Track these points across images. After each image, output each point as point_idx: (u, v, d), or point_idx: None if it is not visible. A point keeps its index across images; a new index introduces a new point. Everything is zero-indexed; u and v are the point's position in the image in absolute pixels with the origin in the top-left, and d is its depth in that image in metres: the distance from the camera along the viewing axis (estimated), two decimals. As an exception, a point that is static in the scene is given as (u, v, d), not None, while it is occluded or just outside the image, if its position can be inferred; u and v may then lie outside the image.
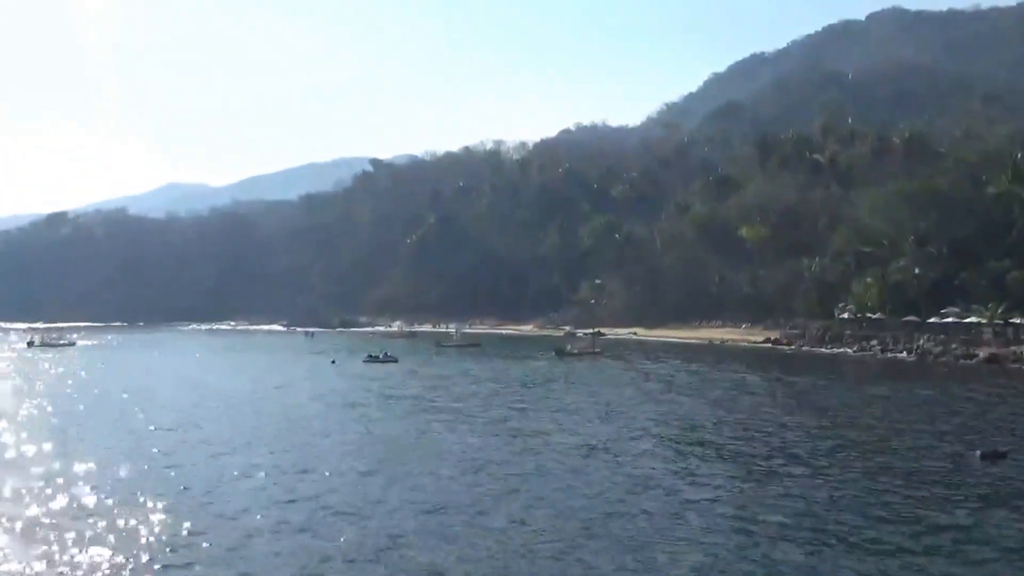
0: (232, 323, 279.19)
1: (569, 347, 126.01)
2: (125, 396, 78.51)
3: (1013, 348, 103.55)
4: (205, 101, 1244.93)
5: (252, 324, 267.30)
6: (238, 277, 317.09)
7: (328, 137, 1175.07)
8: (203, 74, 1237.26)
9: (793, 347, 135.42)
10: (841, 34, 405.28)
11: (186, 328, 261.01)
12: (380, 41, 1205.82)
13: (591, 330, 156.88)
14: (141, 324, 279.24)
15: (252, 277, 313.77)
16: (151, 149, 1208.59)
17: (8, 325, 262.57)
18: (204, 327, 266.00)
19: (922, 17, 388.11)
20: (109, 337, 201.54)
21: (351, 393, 77.99)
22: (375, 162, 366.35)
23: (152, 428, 57.98)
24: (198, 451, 48.34)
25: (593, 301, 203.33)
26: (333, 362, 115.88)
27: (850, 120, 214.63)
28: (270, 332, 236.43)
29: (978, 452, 41.21)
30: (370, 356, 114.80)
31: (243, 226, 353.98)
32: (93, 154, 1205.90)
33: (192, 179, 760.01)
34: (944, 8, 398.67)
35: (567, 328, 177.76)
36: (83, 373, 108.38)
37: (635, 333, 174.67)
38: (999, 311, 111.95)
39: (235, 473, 42.00)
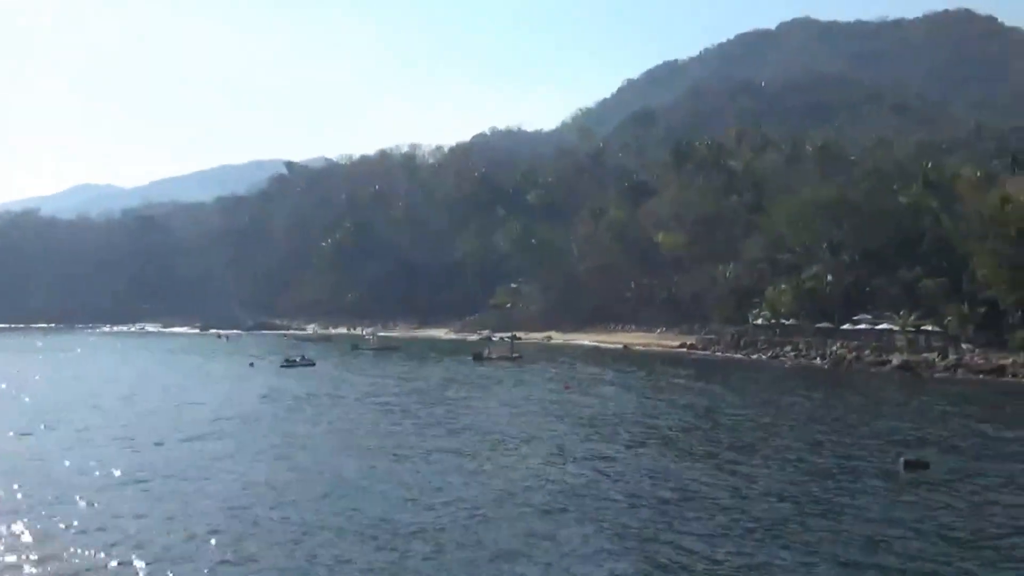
0: (144, 326, 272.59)
1: (487, 352, 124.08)
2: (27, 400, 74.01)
3: (925, 355, 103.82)
4: (116, 101, 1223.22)
5: (165, 327, 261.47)
6: (151, 279, 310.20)
7: (242, 139, 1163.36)
8: (113, 73, 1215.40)
9: (708, 352, 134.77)
10: (753, 43, 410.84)
11: (97, 331, 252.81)
12: (293, 42, 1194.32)
13: (507, 334, 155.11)
14: (52, 326, 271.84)
15: (165, 279, 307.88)
16: (61, 150, 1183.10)
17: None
18: (115, 329, 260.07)
19: (832, 27, 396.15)
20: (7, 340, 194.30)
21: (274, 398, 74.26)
22: (290, 165, 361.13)
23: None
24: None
25: (509, 305, 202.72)
26: (251, 364, 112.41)
27: (763, 128, 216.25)
28: (184, 335, 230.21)
29: (902, 461, 40.59)
30: (287, 360, 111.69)
31: (156, 228, 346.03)
32: (5, 154, 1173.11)
33: (103, 180, 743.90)
34: (853, 19, 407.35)
35: (484, 332, 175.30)
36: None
37: (550, 338, 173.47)
38: (911, 319, 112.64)
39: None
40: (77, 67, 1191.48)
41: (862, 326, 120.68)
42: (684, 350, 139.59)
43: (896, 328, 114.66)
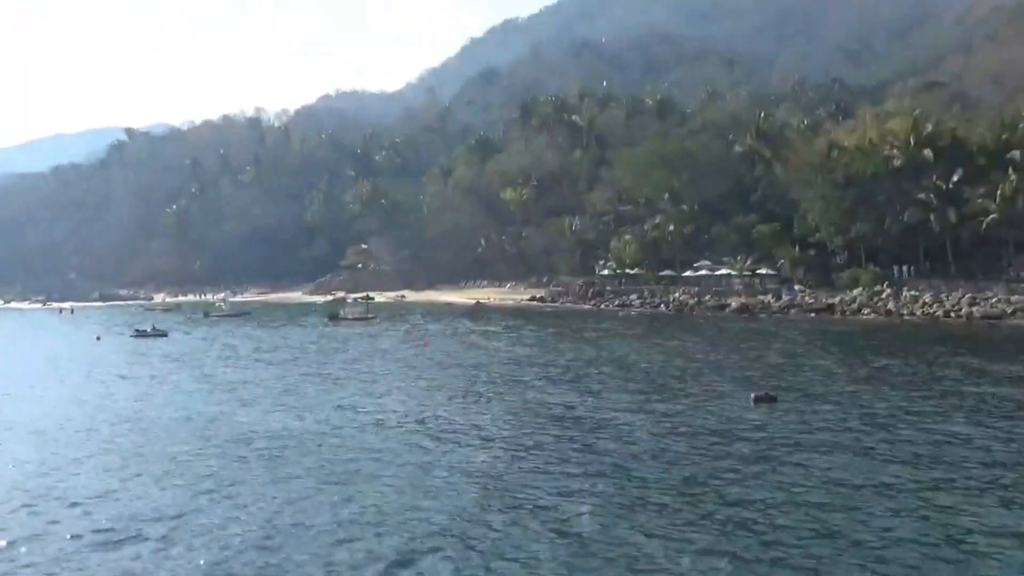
0: None
1: (342, 312, 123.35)
2: None
3: (760, 297, 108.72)
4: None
5: (4, 301, 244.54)
6: None
7: (74, 107, 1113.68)
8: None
9: (557, 304, 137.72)
10: (592, 1, 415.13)
11: None
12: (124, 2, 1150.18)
13: (361, 295, 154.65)
14: None
15: (1, 253, 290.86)
16: None
17: None
18: None
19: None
20: None
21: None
22: (129, 132, 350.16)
23: None
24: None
25: (360, 266, 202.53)
26: (98, 338, 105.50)
27: (605, 84, 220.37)
28: (24, 309, 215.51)
29: (752, 396, 42.15)
30: (137, 331, 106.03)
31: None
32: None
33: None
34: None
35: (338, 293, 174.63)
36: None
37: (403, 296, 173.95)
38: (747, 263, 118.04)
39: None
40: None
41: (702, 272, 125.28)
42: (534, 303, 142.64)
43: (734, 273, 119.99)
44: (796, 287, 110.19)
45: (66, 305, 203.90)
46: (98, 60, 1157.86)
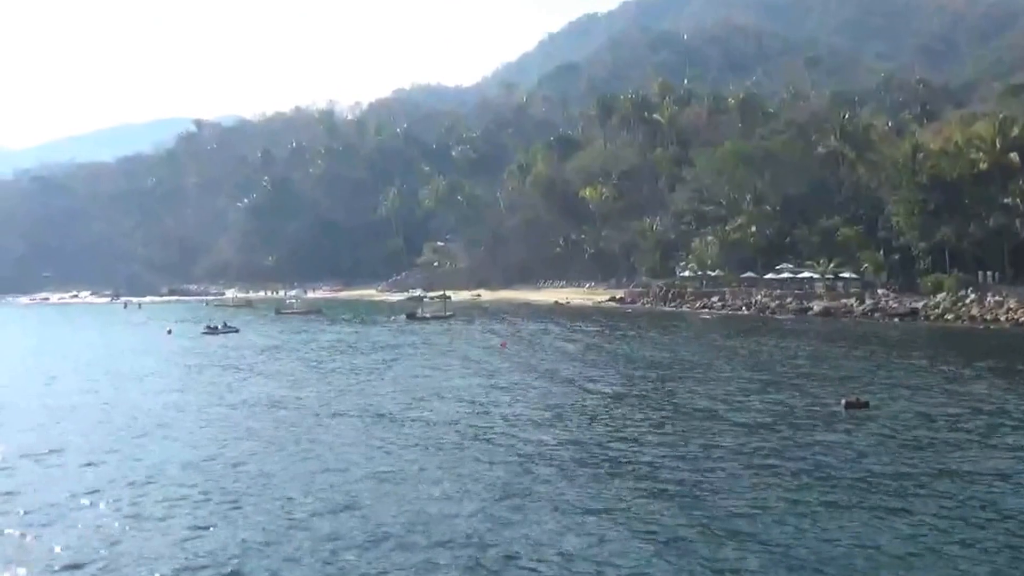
0: (47, 295, 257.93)
1: (420, 311, 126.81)
2: None
3: (843, 301, 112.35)
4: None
5: (69, 295, 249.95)
6: (49, 245, 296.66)
7: (143, 96, 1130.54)
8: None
9: (636, 305, 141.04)
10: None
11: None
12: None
13: (437, 293, 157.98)
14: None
15: (66, 245, 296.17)
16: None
17: None
18: (16, 300, 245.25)
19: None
20: None
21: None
22: (199, 122, 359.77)
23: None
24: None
25: (436, 264, 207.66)
26: (169, 332, 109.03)
27: (685, 81, 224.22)
28: (93, 304, 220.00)
29: (843, 401, 43.09)
30: (209, 327, 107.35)
31: (53, 190, 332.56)
32: None
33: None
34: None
35: (416, 292, 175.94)
36: None
37: (479, 295, 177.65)
38: (830, 266, 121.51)
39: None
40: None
41: (784, 275, 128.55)
42: (614, 303, 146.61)
43: (816, 276, 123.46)
44: (880, 291, 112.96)
45: (133, 300, 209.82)
46: (166, 49, 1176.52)
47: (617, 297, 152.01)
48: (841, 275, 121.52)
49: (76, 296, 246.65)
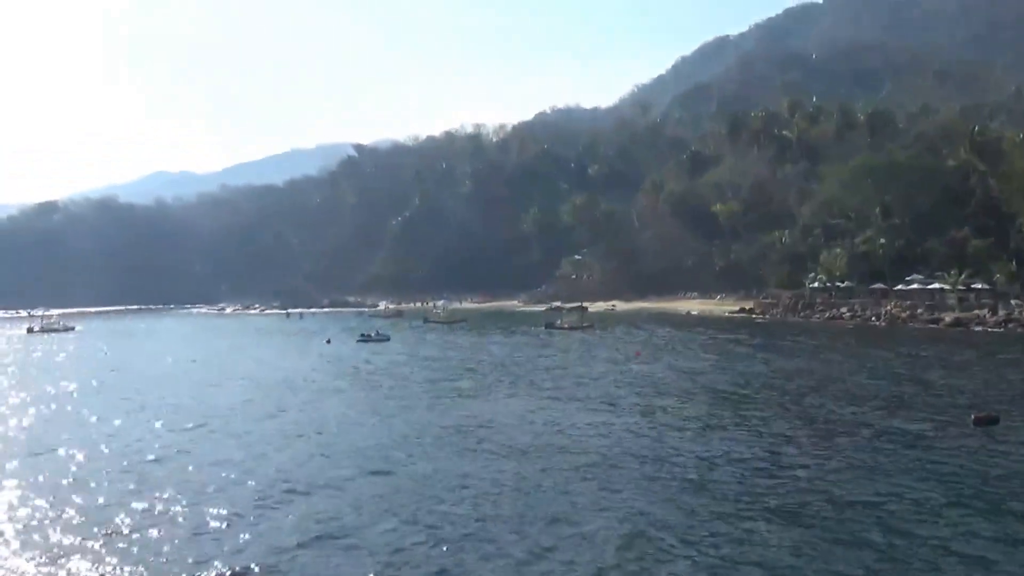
0: (224, 306, 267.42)
1: (559, 321, 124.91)
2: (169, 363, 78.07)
3: (976, 312, 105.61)
4: (190, 90, 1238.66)
5: (245, 307, 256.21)
6: (229, 261, 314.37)
7: (309, 124, 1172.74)
8: (185, 64, 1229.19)
9: (767, 316, 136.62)
10: (800, 15, 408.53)
11: (186, 312, 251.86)
12: (360, 31, 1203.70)
13: (574, 304, 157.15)
14: (136, 308, 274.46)
15: (243, 260, 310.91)
16: (136, 138, 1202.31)
17: (3, 313, 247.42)
18: (202, 310, 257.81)
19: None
20: (111, 323, 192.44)
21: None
22: (358, 147, 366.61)
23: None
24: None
25: (574, 276, 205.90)
26: (328, 342, 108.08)
27: (814, 98, 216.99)
28: (264, 315, 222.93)
29: (972, 416, 39.77)
30: (363, 335, 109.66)
31: (232, 211, 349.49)
32: (78, 144, 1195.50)
33: (178, 167, 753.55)
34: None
35: (556, 303, 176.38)
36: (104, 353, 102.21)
37: (614, 307, 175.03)
38: (961, 277, 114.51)
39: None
40: (152, 59, 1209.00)
41: (914, 286, 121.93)
42: (744, 314, 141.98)
43: (947, 287, 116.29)
44: (1013, 302, 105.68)
45: (296, 311, 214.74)
46: (332, 79, 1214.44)
47: (747, 308, 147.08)
48: (973, 286, 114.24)
49: (249, 308, 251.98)
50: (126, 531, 25.83)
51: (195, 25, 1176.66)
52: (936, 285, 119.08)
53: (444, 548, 23.57)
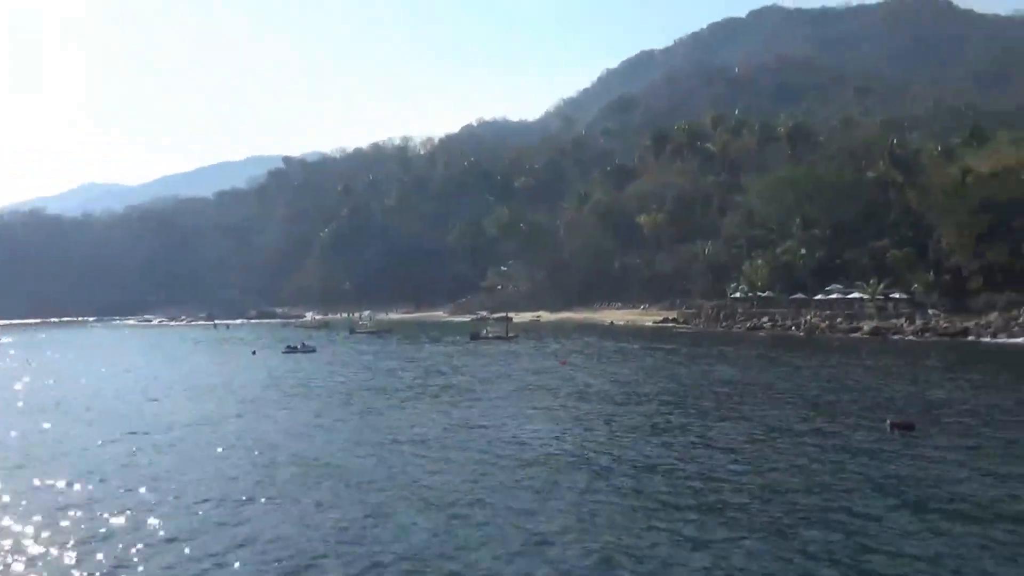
0: (150, 318, 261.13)
1: (484, 331, 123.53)
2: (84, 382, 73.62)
3: (893, 321, 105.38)
4: (118, 103, 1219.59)
5: (170, 319, 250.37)
6: (157, 273, 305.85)
7: (238, 137, 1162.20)
8: (115, 77, 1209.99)
9: (689, 325, 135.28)
10: (725, 30, 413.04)
11: (106, 324, 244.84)
12: (286, 41, 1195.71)
13: (500, 314, 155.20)
14: (55, 321, 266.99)
15: (171, 272, 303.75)
16: (67, 150, 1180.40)
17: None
18: (129, 322, 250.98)
19: (798, 14, 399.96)
20: (42, 335, 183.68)
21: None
22: (287, 159, 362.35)
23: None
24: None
25: (500, 287, 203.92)
26: (253, 353, 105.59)
27: (737, 111, 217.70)
28: (188, 326, 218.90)
29: (888, 422, 40.12)
30: (289, 347, 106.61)
31: (161, 223, 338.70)
32: (9, 156, 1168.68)
33: (107, 179, 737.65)
34: (818, 6, 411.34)
35: (482, 313, 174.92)
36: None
37: (539, 317, 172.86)
38: (880, 287, 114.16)
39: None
40: (81, 72, 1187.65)
41: (834, 296, 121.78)
42: (667, 324, 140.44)
43: (866, 296, 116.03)
44: (930, 311, 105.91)
45: (223, 322, 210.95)
46: (259, 92, 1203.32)
47: (670, 318, 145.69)
48: (891, 296, 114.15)
49: (175, 320, 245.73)
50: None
51: (121, 34, 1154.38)
52: (855, 295, 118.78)
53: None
